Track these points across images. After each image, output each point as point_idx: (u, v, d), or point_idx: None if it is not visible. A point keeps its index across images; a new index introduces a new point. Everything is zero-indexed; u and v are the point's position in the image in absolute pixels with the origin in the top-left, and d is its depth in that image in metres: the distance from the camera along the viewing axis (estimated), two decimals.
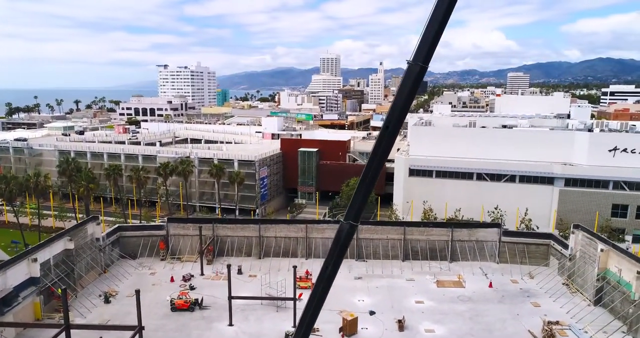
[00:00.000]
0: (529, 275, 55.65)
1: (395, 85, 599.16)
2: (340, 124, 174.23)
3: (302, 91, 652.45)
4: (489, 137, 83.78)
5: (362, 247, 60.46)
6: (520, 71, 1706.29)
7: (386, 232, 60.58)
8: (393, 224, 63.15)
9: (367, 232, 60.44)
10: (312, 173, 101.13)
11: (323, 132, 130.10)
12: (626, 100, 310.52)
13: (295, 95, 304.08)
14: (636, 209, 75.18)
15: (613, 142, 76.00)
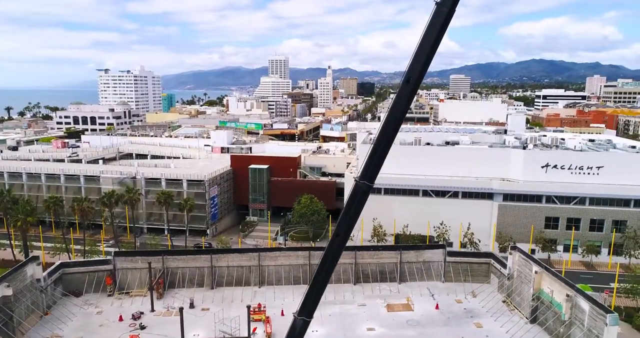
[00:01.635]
0: (472, 294, 58.91)
1: (343, 87, 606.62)
2: (290, 133, 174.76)
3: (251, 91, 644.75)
4: (434, 155, 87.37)
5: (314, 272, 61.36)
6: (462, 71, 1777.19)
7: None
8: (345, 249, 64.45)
9: (319, 257, 61.16)
10: (263, 190, 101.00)
11: (273, 145, 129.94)
12: (557, 103, 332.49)
13: (244, 101, 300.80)
14: (566, 221, 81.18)
15: (545, 159, 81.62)
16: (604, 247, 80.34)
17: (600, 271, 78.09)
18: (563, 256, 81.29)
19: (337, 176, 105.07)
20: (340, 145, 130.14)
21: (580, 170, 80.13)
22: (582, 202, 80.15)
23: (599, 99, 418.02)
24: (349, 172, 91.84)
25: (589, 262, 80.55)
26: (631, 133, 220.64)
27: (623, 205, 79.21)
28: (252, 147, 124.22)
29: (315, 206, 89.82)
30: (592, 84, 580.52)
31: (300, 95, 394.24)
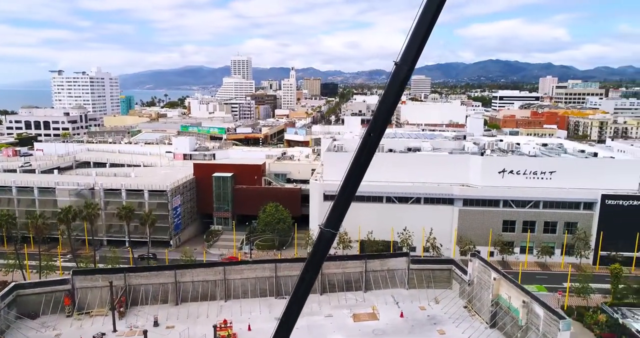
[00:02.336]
0: (435, 300, 60.65)
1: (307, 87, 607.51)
2: (254, 137, 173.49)
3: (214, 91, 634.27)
4: (396, 161, 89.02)
5: (281, 284, 61.52)
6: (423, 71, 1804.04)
7: None
8: None
9: (285, 269, 61.57)
10: (227, 199, 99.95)
11: (237, 151, 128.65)
12: (513, 104, 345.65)
13: (207, 103, 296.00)
14: (522, 224, 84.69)
15: (502, 165, 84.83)
16: (557, 248, 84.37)
17: (554, 271, 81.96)
18: (520, 258, 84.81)
19: (302, 183, 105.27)
20: (304, 150, 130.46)
21: (535, 175, 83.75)
22: (537, 206, 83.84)
23: (551, 99, 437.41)
24: (314, 179, 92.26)
25: (543, 263, 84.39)
26: (581, 133, 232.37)
27: (574, 208, 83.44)
28: (215, 154, 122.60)
29: (281, 214, 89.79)
30: (544, 84, 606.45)
31: (264, 97, 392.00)
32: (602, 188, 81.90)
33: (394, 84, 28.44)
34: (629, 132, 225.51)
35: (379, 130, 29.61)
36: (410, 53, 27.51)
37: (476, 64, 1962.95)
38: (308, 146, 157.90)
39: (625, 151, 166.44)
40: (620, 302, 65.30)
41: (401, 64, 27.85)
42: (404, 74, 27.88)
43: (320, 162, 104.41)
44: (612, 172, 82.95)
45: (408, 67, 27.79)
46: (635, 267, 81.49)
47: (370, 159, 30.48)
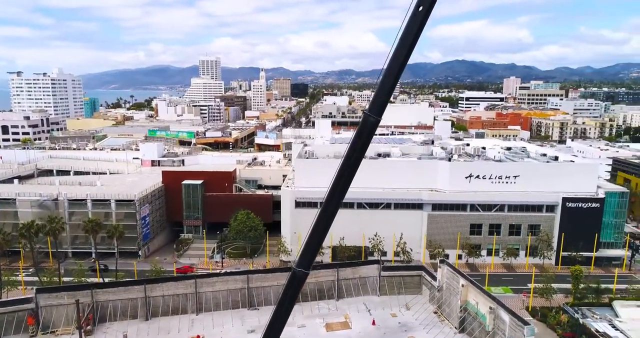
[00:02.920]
0: (406, 306, 61.77)
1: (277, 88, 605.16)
2: (224, 141, 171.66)
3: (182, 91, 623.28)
4: (366, 167, 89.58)
5: (253, 295, 61.32)
6: None
7: (277, 279, 62.13)
8: (283, 270, 64.96)
9: (257, 280, 61.36)
10: (197, 206, 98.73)
11: (207, 156, 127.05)
12: (479, 105, 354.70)
13: (175, 105, 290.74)
14: (488, 227, 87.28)
15: (468, 170, 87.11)
16: (521, 250, 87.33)
17: (519, 272, 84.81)
18: (487, 260, 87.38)
19: (274, 189, 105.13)
20: (275, 155, 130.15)
21: (500, 180, 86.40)
22: (502, 209, 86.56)
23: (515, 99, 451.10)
24: (286, 185, 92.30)
25: (509, 264, 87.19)
26: (543, 134, 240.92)
27: (537, 211, 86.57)
28: (184, 160, 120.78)
29: (252, 222, 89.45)
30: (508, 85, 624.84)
31: (234, 98, 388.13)
32: (563, 192, 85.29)
33: (362, 132, 29.96)
34: (587, 132, 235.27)
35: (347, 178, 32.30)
36: (378, 103, 28.87)
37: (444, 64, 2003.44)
38: (279, 150, 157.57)
39: (584, 152, 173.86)
40: (581, 302, 68.21)
41: (369, 113, 29.07)
42: (372, 123, 29.23)
43: (292, 168, 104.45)
44: (572, 176, 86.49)
45: (376, 116, 29.21)
46: (595, 266, 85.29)
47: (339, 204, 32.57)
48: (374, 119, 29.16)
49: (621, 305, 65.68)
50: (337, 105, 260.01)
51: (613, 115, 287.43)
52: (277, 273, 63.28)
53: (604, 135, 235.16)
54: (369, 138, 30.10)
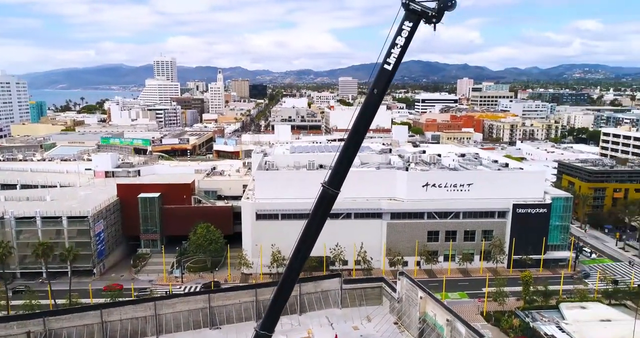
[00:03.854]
0: (367, 318, 63.07)
1: (235, 89, 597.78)
2: (181, 148, 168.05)
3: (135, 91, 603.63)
4: None
5: (215, 314, 60.76)
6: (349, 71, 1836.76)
7: (239, 297, 61.90)
8: (245, 288, 64.74)
9: (219, 299, 60.86)
10: (155, 220, 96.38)
11: (164, 166, 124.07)
12: (434, 107, 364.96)
13: (129, 109, 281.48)
14: (445, 234, 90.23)
15: (425, 179, 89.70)
16: (476, 255, 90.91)
17: (474, 276, 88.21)
18: (444, 265, 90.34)
19: (234, 199, 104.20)
20: (235, 163, 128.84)
21: (455, 188, 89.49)
22: (457, 216, 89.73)
23: (468, 100, 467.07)
24: (246, 197, 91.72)
25: (465, 269, 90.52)
26: (494, 136, 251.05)
27: (489, 217, 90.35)
28: (140, 170, 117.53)
29: (212, 235, 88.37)
30: (462, 85, 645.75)
31: (191, 100, 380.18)
32: (513, 198, 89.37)
33: (321, 205, 31.63)
34: (535, 133, 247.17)
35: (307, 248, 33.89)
36: (337, 177, 30.49)
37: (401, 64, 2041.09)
38: (238, 157, 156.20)
39: (532, 154, 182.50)
40: (531, 305, 71.92)
41: (328, 186, 30.67)
42: (331, 196, 30.90)
43: (252, 177, 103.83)
44: (521, 183, 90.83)
45: (335, 190, 30.76)
46: (543, 268, 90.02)
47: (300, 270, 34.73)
48: (333, 192, 31.01)
49: (567, 307, 69.80)
50: (297, 109, 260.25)
51: (558, 117, 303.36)
52: (239, 291, 63.11)
53: (550, 136, 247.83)
54: (328, 210, 31.88)
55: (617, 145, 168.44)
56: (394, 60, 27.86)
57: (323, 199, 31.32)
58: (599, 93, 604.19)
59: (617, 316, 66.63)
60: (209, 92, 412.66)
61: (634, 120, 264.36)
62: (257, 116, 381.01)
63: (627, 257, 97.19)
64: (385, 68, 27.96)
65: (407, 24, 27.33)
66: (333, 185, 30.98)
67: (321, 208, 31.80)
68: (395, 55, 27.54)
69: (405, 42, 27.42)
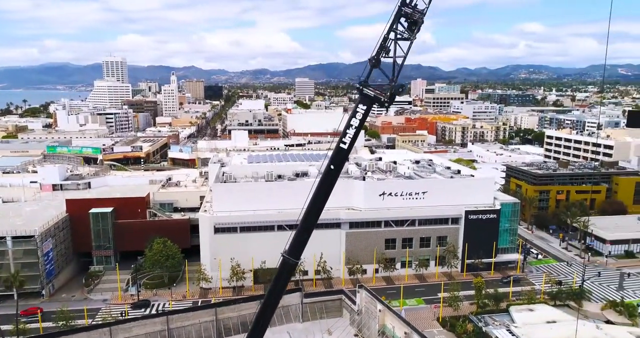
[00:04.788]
0: (328, 331, 63.89)
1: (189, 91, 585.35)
2: (134, 156, 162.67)
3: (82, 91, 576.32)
4: (286, 189, 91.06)
5: (174, 336, 59.66)
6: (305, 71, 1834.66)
7: (198, 317, 61.08)
8: (204, 307, 63.98)
9: (178, 320, 59.80)
10: (108, 235, 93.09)
11: (116, 176, 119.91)
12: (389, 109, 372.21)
13: (77, 113, 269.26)
14: (402, 241, 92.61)
15: (381, 188, 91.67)
16: (431, 260, 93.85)
17: (430, 282, 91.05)
18: (401, 272, 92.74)
19: (191, 211, 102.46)
20: (191, 173, 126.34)
21: (410, 196, 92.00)
22: (413, 224, 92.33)
23: (421, 101, 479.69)
24: (203, 210, 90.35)
25: (421, 275, 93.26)
26: (447, 138, 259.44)
27: (443, 223, 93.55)
28: (91, 182, 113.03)
29: (169, 250, 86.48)
30: (416, 86, 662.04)
31: (143, 103, 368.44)
32: (465, 205, 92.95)
33: (282, 273, 33.51)
34: (485, 135, 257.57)
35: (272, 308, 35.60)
36: (297, 247, 32.52)
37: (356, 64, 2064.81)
38: (194, 165, 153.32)
39: (482, 156, 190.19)
40: (484, 310, 75.19)
41: (289, 256, 32.62)
42: (292, 265, 32.94)
43: (209, 188, 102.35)
44: (472, 190, 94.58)
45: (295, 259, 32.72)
46: (494, 270, 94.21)
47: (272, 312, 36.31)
48: (293, 262, 33.23)
49: (516, 310, 73.55)
50: (254, 113, 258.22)
51: (506, 119, 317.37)
52: (198, 311, 62.27)
53: (499, 137, 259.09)
54: (289, 277, 34.26)
55: (560, 147, 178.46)
56: (349, 140, 29.60)
57: (284, 268, 33.50)
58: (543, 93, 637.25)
59: (561, 317, 70.85)
60: (163, 94, 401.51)
61: (574, 122, 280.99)
62: (213, 119, 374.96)
63: (570, 257, 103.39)
64: (342, 147, 29.75)
65: (361, 107, 29.24)
66: (293, 255, 33.10)
67: (282, 276, 34.02)
68: (351, 136, 29.54)
69: (360, 123, 29.36)
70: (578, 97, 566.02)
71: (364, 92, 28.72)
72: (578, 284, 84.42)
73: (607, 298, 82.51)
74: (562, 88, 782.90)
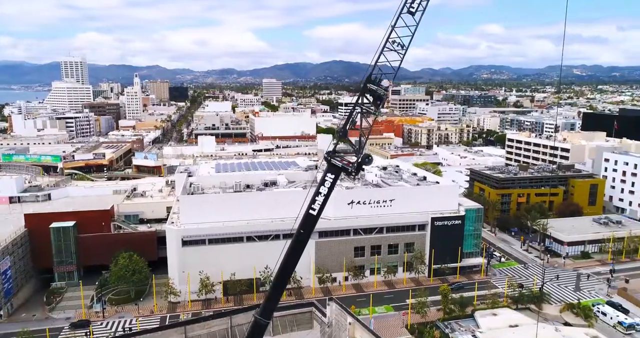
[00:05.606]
0: None
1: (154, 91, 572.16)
2: (96, 164, 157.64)
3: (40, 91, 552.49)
4: (255, 200, 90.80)
5: None
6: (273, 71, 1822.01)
7: (167, 336, 60.10)
8: (173, 326, 62.96)
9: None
10: (70, 251, 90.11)
11: (78, 188, 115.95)
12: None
13: (34, 118, 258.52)
14: (370, 249, 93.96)
15: (350, 197, 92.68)
16: (399, 266, 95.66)
17: (398, 288, 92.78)
18: (370, 279, 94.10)
19: (157, 222, 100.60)
20: (157, 182, 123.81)
21: (378, 204, 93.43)
22: (381, 231, 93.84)
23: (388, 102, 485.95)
24: (171, 222, 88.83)
25: (390, 281, 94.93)
26: (413, 140, 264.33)
27: (411, 230, 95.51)
28: (51, 193, 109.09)
29: (136, 265, 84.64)
30: None
31: (105, 106, 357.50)
32: (431, 211, 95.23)
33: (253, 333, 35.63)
34: (450, 137, 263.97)
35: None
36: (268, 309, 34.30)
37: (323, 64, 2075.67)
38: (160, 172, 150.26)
39: (447, 159, 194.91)
40: (450, 316, 77.36)
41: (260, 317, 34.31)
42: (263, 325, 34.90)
43: (176, 198, 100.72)
44: (437, 197, 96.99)
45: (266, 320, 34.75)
46: (460, 275, 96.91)
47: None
48: (264, 322, 35.53)
49: (480, 315, 76.08)
50: (220, 116, 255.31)
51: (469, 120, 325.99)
52: (167, 330, 61.23)
53: (463, 139, 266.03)
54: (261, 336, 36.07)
55: (520, 150, 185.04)
56: (318, 206, 30.61)
57: (255, 329, 35.17)
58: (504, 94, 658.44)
59: (523, 320, 73.82)
60: (126, 96, 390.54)
61: (533, 123, 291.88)
62: (179, 122, 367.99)
63: (530, 259, 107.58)
64: (311, 213, 30.68)
65: (329, 175, 30.51)
66: (264, 316, 35.12)
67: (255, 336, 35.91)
68: (320, 203, 30.89)
69: (328, 191, 30.71)
70: (537, 97, 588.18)
71: (331, 162, 30.51)
72: (539, 286, 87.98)
73: (565, 299, 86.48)
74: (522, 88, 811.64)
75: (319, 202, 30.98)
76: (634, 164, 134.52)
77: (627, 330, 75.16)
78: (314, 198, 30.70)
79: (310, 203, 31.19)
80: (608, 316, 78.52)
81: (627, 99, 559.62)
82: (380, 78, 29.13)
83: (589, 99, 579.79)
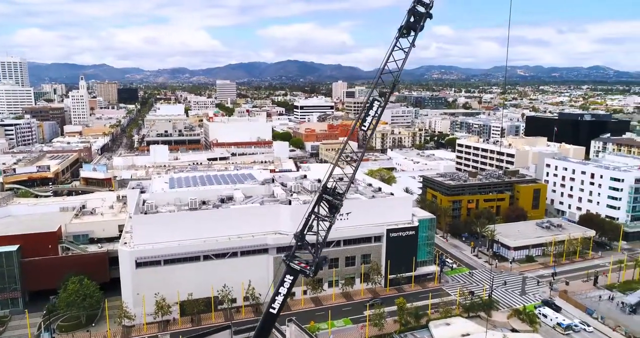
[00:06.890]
0: None
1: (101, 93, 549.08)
2: (40, 177, 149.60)
3: None
4: (211, 218, 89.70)
5: None
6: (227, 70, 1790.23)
7: None
8: None
9: None
10: (13, 276, 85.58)
11: (21, 206, 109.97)
12: (312, 114, 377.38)
13: None
14: (329, 262, 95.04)
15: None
16: (357, 278, 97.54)
17: (356, 300, 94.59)
18: (328, 291, 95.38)
19: (109, 241, 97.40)
20: (108, 197, 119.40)
21: None
22: (339, 244, 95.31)
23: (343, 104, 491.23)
24: (123, 242, 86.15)
25: (347, 293, 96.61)
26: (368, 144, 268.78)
27: (367, 242, 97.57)
28: None
29: (86, 289, 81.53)
30: (337, 89, 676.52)
31: (48, 110, 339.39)
32: (386, 223, 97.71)
33: None
34: (403, 141, 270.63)
35: None
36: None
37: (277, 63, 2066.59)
38: (110, 185, 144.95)
39: (401, 164, 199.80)
40: (406, 328, 79.86)
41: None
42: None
43: (129, 215, 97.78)
44: (392, 208, 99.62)
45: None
46: (415, 283, 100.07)
47: None
48: None
49: (434, 326, 79.07)
50: (173, 122, 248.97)
51: (422, 123, 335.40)
52: None
53: (416, 142, 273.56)
54: None
55: (469, 155, 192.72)
56: (278, 305, 32.44)
57: None
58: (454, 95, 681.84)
59: (474, 329, 77.40)
60: (71, 99, 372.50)
61: (481, 126, 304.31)
62: (130, 127, 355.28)
63: (480, 264, 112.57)
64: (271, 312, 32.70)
65: (288, 277, 32.27)
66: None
67: None
68: (279, 302, 32.53)
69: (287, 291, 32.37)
70: (484, 98, 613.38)
71: (291, 266, 32.65)
72: (488, 293, 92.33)
73: (513, 304, 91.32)
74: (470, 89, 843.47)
75: (279, 301, 33.23)
76: (572, 169, 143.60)
77: (565, 330, 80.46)
78: (274, 298, 32.79)
79: (270, 302, 33.35)
80: (548, 318, 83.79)
81: (565, 100, 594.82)
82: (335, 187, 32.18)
83: (531, 99, 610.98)
